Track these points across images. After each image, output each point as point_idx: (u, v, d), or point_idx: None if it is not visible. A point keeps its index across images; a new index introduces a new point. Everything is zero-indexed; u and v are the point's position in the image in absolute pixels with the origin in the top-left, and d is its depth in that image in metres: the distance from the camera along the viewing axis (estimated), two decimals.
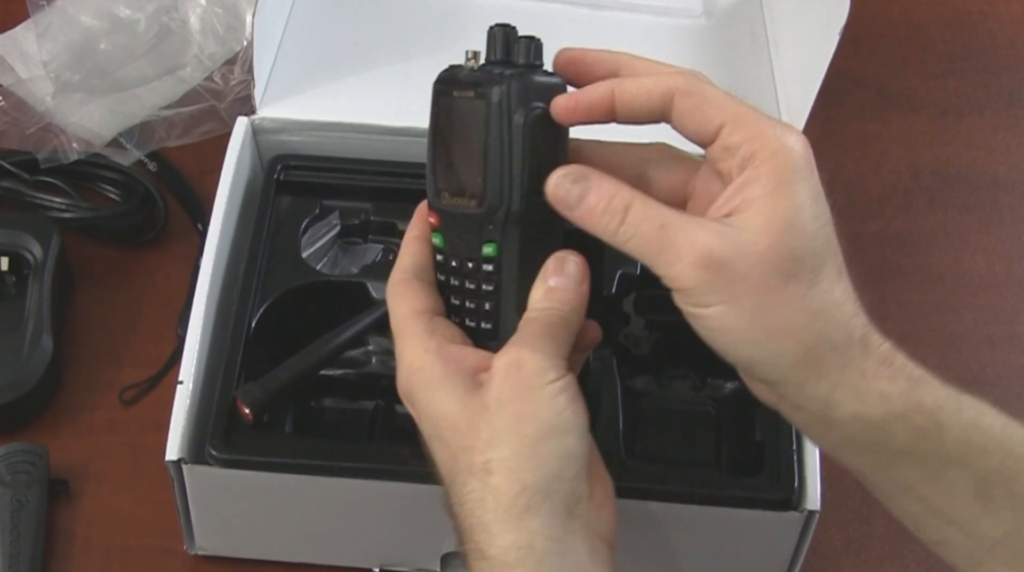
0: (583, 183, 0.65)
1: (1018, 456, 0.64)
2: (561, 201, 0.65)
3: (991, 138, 1.17)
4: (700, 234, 0.62)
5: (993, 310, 1.06)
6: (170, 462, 0.78)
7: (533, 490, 0.63)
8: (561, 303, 0.67)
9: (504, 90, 0.65)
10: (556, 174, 0.65)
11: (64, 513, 0.90)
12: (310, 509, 0.81)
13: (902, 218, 1.11)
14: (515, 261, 0.68)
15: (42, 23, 1.09)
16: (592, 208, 0.64)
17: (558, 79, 0.68)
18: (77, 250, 1.01)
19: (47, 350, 0.93)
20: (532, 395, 0.64)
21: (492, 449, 0.63)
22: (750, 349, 0.63)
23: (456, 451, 0.65)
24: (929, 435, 0.63)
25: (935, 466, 0.64)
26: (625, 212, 0.63)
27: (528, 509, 0.62)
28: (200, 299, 0.83)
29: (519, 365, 0.64)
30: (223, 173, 0.89)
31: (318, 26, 1.00)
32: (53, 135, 1.05)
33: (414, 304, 0.69)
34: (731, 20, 1.05)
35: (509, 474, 0.63)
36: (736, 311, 0.62)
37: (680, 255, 0.62)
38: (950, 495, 0.64)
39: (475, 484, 0.63)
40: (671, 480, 0.79)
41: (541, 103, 0.66)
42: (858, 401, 0.63)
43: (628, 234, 0.63)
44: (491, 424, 0.64)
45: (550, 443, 0.63)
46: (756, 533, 0.80)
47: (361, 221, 0.92)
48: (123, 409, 0.95)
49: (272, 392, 0.78)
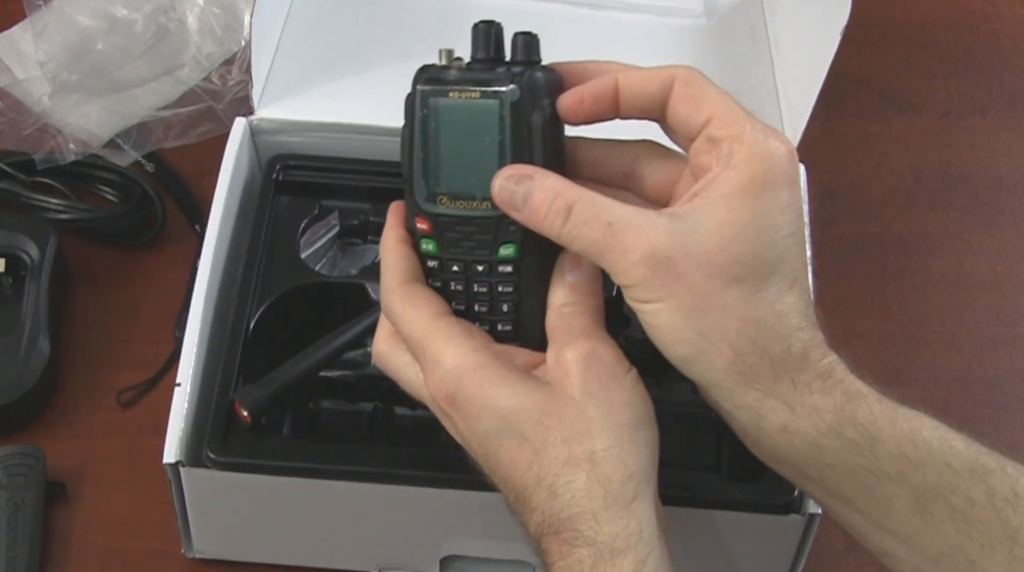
0: (527, 183, 0.65)
1: (956, 470, 0.64)
2: (507, 203, 0.65)
3: (993, 139, 1.17)
4: (647, 230, 0.62)
5: (995, 312, 1.06)
6: (168, 465, 0.78)
7: (639, 477, 0.64)
8: (589, 296, 0.68)
9: (520, 88, 0.65)
10: (500, 175, 0.65)
11: (61, 516, 0.90)
12: (309, 512, 0.81)
13: (903, 219, 1.11)
14: (536, 260, 0.68)
15: (39, 23, 1.09)
16: (536, 209, 0.64)
17: (556, 74, 0.67)
18: (74, 251, 1.01)
19: (44, 352, 0.93)
20: (619, 385, 0.65)
21: (593, 439, 0.64)
22: (683, 348, 0.64)
23: (544, 444, 0.64)
24: (861, 449, 0.64)
25: (870, 480, 0.64)
26: (568, 212, 0.64)
27: (636, 496, 0.63)
28: (198, 300, 0.83)
29: (598, 356, 0.65)
30: (221, 174, 0.89)
31: (317, 26, 1.00)
32: (50, 136, 1.05)
33: (434, 307, 0.68)
34: (732, 20, 1.05)
35: (617, 462, 0.63)
36: (673, 309, 0.63)
37: (625, 252, 0.63)
38: (888, 509, 0.65)
39: (577, 474, 0.63)
40: (672, 484, 0.78)
41: (548, 99, 0.66)
42: (788, 412, 0.64)
43: (572, 234, 0.64)
44: (584, 415, 0.64)
45: (644, 431, 0.65)
46: (757, 537, 0.80)
47: (360, 222, 0.92)
48: (120, 411, 0.95)
49: (270, 394, 0.79)
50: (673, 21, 1.04)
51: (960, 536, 0.64)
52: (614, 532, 0.62)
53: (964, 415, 0.99)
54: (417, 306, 0.68)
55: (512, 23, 0.69)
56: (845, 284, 1.06)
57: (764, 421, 0.65)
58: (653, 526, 0.64)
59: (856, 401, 0.64)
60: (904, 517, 0.64)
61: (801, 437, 0.64)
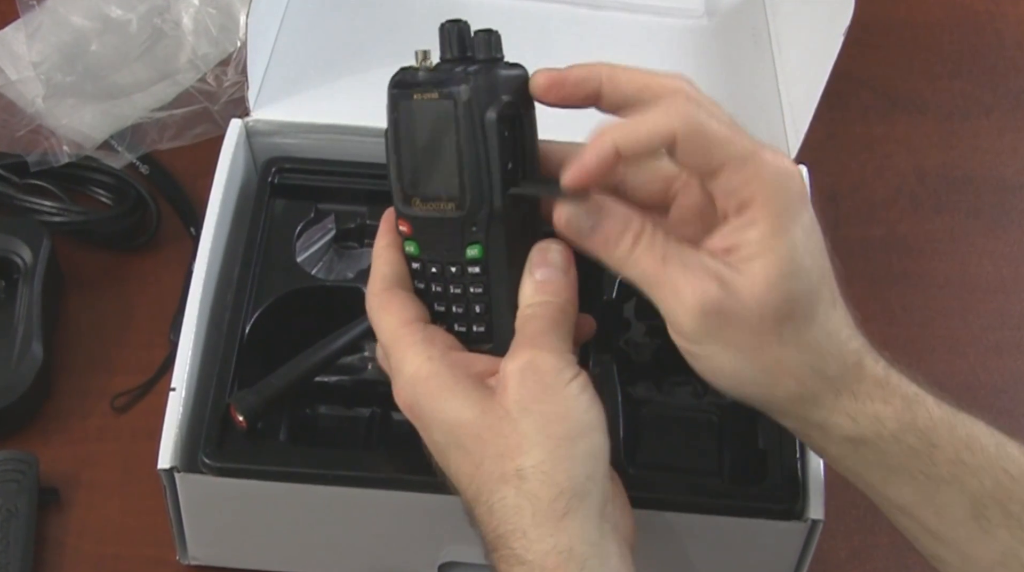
0: (596, 216, 0.66)
1: (1013, 476, 0.65)
2: (574, 232, 0.66)
3: (998, 140, 1.17)
4: (699, 277, 0.63)
5: (1000, 316, 1.06)
6: (162, 470, 0.78)
7: (570, 493, 0.63)
8: (554, 295, 0.68)
9: (471, 88, 0.65)
10: (566, 209, 0.66)
11: (54, 522, 0.90)
12: (305, 518, 0.81)
13: (907, 222, 1.11)
14: (503, 260, 0.68)
15: (32, 23, 1.10)
16: (607, 236, 0.65)
17: (522, 70, 0.68)
18: (68, 254, 1.01)
19: (37, 356, 0.93)
20: (555, 396, 0.64)
21: (523, 455, 0.64)
22: (746, 388, 0.66)
23: (481, 459, 0.65)
24: (921, 455, 0.65)
25: (928, 486, 0.65)
26: (634, 243, 0.65)
27: (567, 513, 0.63)
28: (193, 304, 0.83)
29: (534, 367, 0.65)
30: (216, 176, 0.89)
31: (313, 26, 1.01)
32: (43, 138, 1.05)
33: (404, 313, 0.69)
34: (733, 20, 1.05)
35: (544, 478, 0.63)
36: (731, 353, 0.64)
37: (679, 297, 0.64)
38: (943, 515, 0.65)
39: (508, 491, 0.64)
40: (673, 489, 0.79)
41: (508, 96, 0.66)
42: (852, 423, 0.65)
43: (633, 262, 0.65)
44: (517, 429, 0.64)
45: (580, 443, 0.64)
46: (759, 543, 0.80)
47: (357, 225, 0.92)
48: (115, 416, 0.95)
49: (266, 399, 0.79)
50: (674, 21, 1.04)
51: (1015, 542, 0.64)
52: (544, 550, 0.63)
53: None
54: (389, 312, 0.69)
55: (512, 23, 0.69)
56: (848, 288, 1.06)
57: (831, 434, 0.66)
58: (588, 543, 0.63)
59: (916, 406, 0.65)
60: (959, 524, 0.65)
61: (866, 446, 0.65)
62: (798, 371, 0.64)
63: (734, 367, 0.65)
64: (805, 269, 0.64)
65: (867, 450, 0.66)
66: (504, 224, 0.67)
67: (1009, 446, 0.66)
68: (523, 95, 0.67)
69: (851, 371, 0.65)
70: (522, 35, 0.68)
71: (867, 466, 0.66)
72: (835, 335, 0.65)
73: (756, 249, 0.63)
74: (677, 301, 0.64)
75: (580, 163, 0.65)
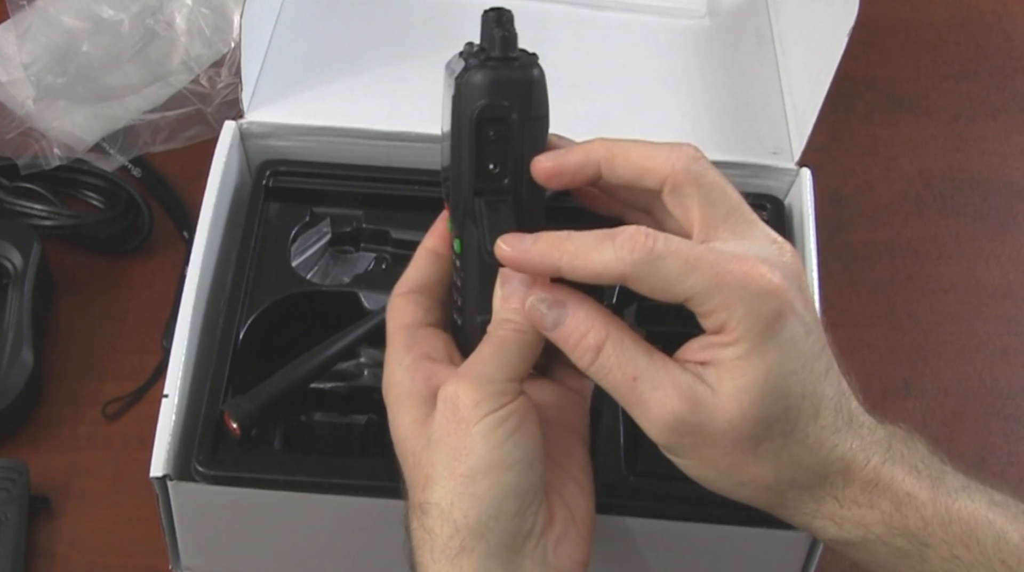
0: (558, 310, 0.66)
1: (1012, 567, 0.65)
2: (537, 322, 0.66)
3: (1005, 143, 1.17)
4: (670, 394, 0.63)
5: (1007, 321, 1.06)
6: (155, 478, 0.78)
7: (466, 531, 0.63)
8: (515, 313, 0.67)
9: (463, 82, 0.66)
10: (534, 294, 0.66)
11: (45, 531, 0.90)
12: (300, 527, 0.81)
13: (913, 226, 1.11)
14: (473, 261, 0.69)
15: (22, 24, 1.10)
16: (566, 339, 0.65)
17: (530, 72, 0.67)
18: (59, 259, 1.02)
19: (27, 363, 0.93)
20: (466, 431, 0.64)
21: (428, 489, 0.64)
22: (724, 491, 0.67)
23: (409, 483, 0.66)
24: (911, 556, 0.65)
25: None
26: (597, 352, 0.65)
27: (461, 552, 0.63)
28: (186, 309, 0.83)
29: (455, 398, 0.64)
30: (210, 179, 0.89)
31: (308, 27, 1.01)
32: (34, 140, 1.05)
33: (404, 318, 0.70)
34: (736, 20, 1.05)
35: (441, 516, 0.64)
36: (707, 467, 0.65)
37: (649, 415, 0.64)
38: None
39: (416, 523, 0.65)
40: (674, 497, 0.79)
41: (500, 97, 0.66)
42: (836, 528, 0.66)
43: (600, 375, 0.65)
44: (431, 461, 0.65)
45: (483, 482, 0.63)
46: (762, 552, 0.80)
47: (353, 229, 0.92)
48: (106, 424, 0.95)
49: (261, 406, 0.79)
50: (675, 22, 1.04)
51: None
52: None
53: (975, 427, 0.99)
54: (393, 314, 0.71)
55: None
56: (852, 292, 1.07)
57: (816, 534, 0.68)
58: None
59: (905, 507, 0.65)
60: None
61: (852, 547, 0.66)
62: (776, 485, 0.65)
63: (709, 479, 0.66)
64: (782, 391, 0.63)
65: (854, 551, 0.67)
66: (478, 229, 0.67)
67: (1010, 534, 0.65)
68: (522, 99, 0.66)
69: (835, 477, 0.65)
70: (522, 35, 0.68)
71: (859, 562, 0.68)
72: (817, 446, 0.65)
73: (730, 370, 0.63)
74: (647, 418, 0.64)
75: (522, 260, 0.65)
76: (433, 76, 0.68)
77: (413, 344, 0.69)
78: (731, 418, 0.63)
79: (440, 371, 0.68)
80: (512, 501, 0.64)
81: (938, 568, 0.65)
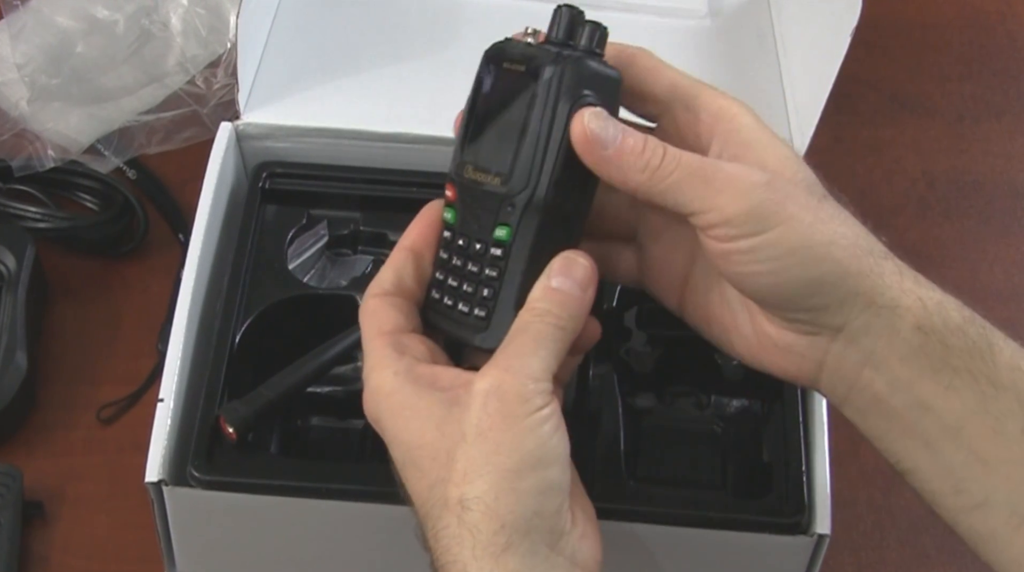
0: (616, 126, 0.66)
1: None
2: (597, 141, 0.66)
3: (1010, 144, 1.18)
4: (737, 168, 0.65)
5: (1012, 325, 1.05)
6: (150, 484, 0.78)
7: (512, 528, 0.62)
8: (560, 307, 0.67)
9: (558, 71, 0.66)
10: (585, 114, 0.66)
11: (39, 537, 0.90)
12: (297, 532, 0.81)
13: (916, 228, 1.12)
14: (526, 251, 0.68)
15: (16, 24, 1.10)
16: (632, 146, 0.66)
17: (615, 73, 0.68)
18: (53, 262, 1.02)
19: (21, 367, 0.93)
20: (513, 425, 0.63)
21: (468, 483, 0.63)
22: (806, 271, 0.64)
23: (433, 482, 0.65)
24: (984, 355, 0.64)
25: (988, 392, 0.63)
26: (664, 148, 0.65)
27: (507, 548, 0.62)
28: (182, 313, 0.83)
29: (500, 392, 0.64)
30: (206, 181, 0.89)
31: (305, 27, 1.01)
32: (28, 142, 1.05)
33: (384, 324, 0.69)
34: (738, 21, 1.05)
35: (487, 511, 0.63)
36: (790, 232, 0.64)
37: (727, 185, 0.64)
38: (1000, 429, 0.63)
39: (451, 519, 0.63)
40: (675, 502, 0.79)
41: (591, 92, 0.67)
42: (922, 308, 0.64)
43: (669, 169, 0.65)
44: (468, 455, 0.63)
45: (530, 477, 0.63)
46: (764, 558, 0.80)
47: (350, 231, 0.92)
48: (101, 428, 0.95)
49: (257, 410, 0.79)
50: (676, 22, 1.04)
51: None
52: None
53: None
54: (370, 320, 0.70)
55: (512, 23, 0.69)
56: None
57: (903, 321, 0.64)
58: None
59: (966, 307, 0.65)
60: (1014, 439, 0.63)
61: (936, 335, 0.64)
62: (854, 248, 0.65)
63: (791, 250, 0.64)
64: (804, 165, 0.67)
65: (934, 345, 0.64)
66: (540, 215, 0.67)
67: None
68: (609, 97, 0.68)
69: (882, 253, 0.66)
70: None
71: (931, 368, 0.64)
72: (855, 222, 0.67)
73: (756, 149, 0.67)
74: (726, 192, 0.64)
75: None
76: (431, 77, 0.69)
77: (403, 350, 0.68)
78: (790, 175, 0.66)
79: (441, 373, 0.67)
80: (552, 498, 0.64)
81: (1004, 376, 0.63)
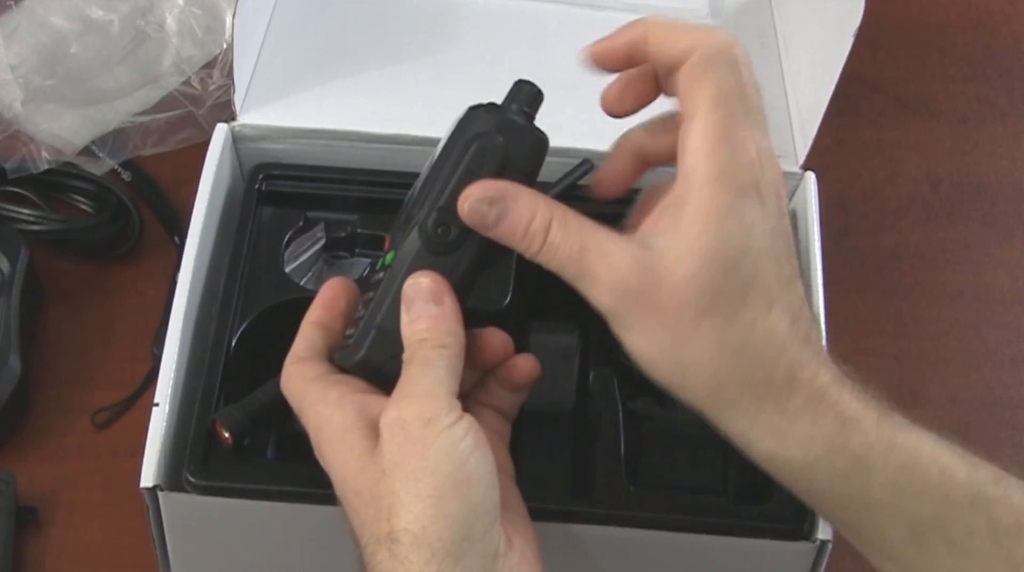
0: (500, 205, 0.67)
1: (955, 501, 0.64)
2: (478, 223, 0.67)
3: (1014, 146, 1.18)
4: (618, 260, 0.64)
5: (1016, 328, 1.06)
6: (145, 489, 0.78)
7: (443, 555, 0.62)
8: (429, 330, 0.67)
9: (485, 108, 0.69)
10: (472, 193, 0.67)
11: (33, 543, 0.90)
12: (293, 538, 0.81)
13: (920, 231, 1.12)
14: (399, 277, 0.70)
15: (9, 24, 1.10)
16: (513, 229, 0.67)
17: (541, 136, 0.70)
18: (47, 264, 1.02)
19: (14, 370, 0.93)
20: (425, 450, 0.63)
21: (395, 516, 0.63)
22: (665, 376, 0.66)
23: (364, 519, 0.65)
24: (852, 480, 0.65)
25: (862, 510, 0.65)
26: (545, 234, 0.66)
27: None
28: (177, 316, 0.83)
29: (402, 421, 0.64)
30: (201, 183, 0.89)
31: (302, 27, 1.01)
32: (21, 143, 1.05)
33: (308, 373, 0.70)
34: (739, 21, 1.05)
35: (414, 542, 0.62)
36: (649, 341, 0.65)
37: (597, 283, 0.65)
38: (883, 537, 0.66)
39: (384, 554, 0.63)
40: (676, 508, 0.79)
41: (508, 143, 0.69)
42: (775, 441, 0.65)
43: (549, 256, 0.66)
44: (390, 489, 0.63)
45: (453, 500, 0.63)
46: (766, 564, 0.80)
47: (347, 234, 0.92)
48: (95, 433, 0.95)
49: (253, 414, 0.79)
50: None
51: (959, 567, 0.64)
52: None
53: (984, 436, 0.99)
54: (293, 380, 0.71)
55: (511, 23, 0.69)
56: (858, 299, 1.07)
57: (752, 447, 0.66)
58: None
59: (850, 429, 0.64)
60: (899, 545, 0.65)
61: (790, 465, 0.66)
62: (718, 370, 0.64)
63: (651, 355, 0.65)
64: (731, 265, 0.63)
65: (792, 471, 0.66)
66: (422, 242, 0.69)
67: (955, 469, 0.65)
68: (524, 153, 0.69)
69: (779, 383, 0.64)
70: (521, 35, 0.68)
71: (795, 484, 0.67)
72: (764, 342, 0.64)
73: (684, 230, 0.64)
74: (596, 284, 0.65)
75: None
76: (429, 78, 0.69)
77: (332, 383, 0.69)
78: (677, 281, 0.63)
79: (371, 401, 0.67)
80: (481, 519, 0.63)
81: (880, 496, 0.64)
